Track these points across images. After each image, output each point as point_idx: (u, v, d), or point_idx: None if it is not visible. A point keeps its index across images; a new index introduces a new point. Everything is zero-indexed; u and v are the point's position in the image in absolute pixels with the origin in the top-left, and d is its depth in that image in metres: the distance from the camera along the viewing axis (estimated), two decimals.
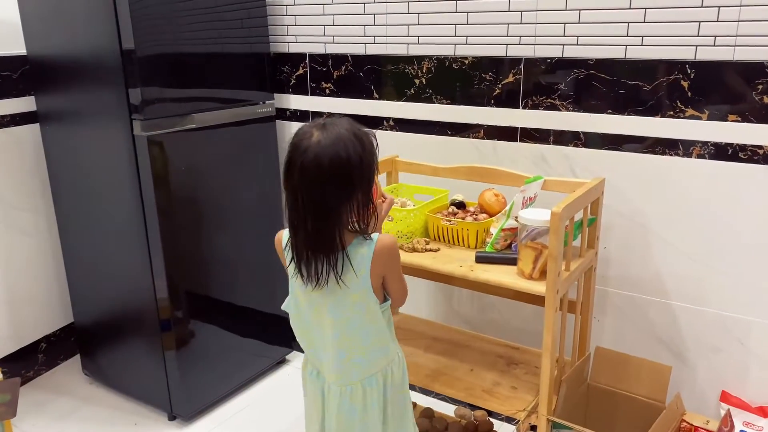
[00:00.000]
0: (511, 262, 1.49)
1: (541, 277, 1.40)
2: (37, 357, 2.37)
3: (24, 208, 2.27)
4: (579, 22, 1.67)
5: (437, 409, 2.00)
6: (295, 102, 2.27)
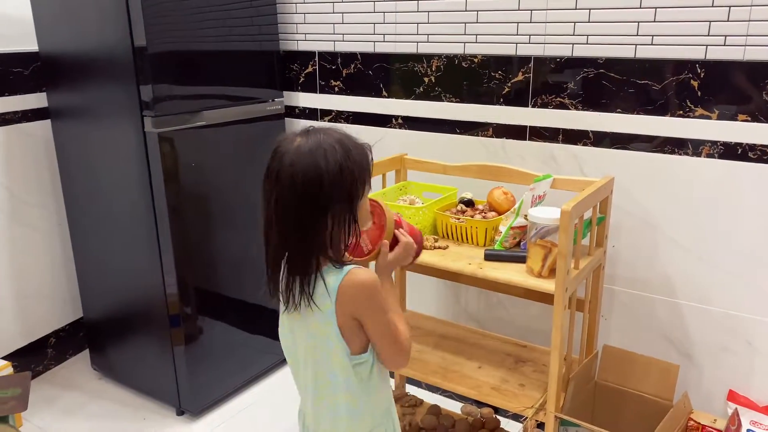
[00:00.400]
0: (520, 260, 1.49)
1: (550, 275, 1.41)
2: (46, 352, 2.39)
3: (34, 204, 2.28)
4: (589, 21, 1.67)
5: (444, 406, 2.01)
6: (304, 100, 2.28)
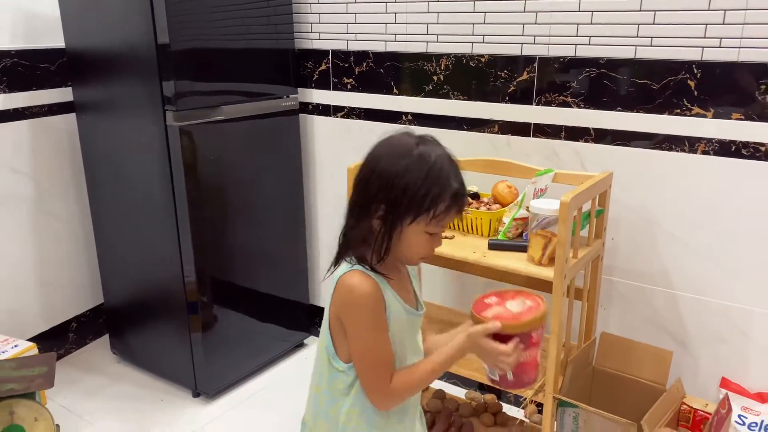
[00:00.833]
0: (522, 249, 1.58)
1: (550, 264, 1.49)
2: (67, 336, 2.49)
3: (57, 194, 2.39)
4: (591, 23, 1.75)
5: (449, 392, 2.09)
6: (317, 96, 2.36)
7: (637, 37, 1.69)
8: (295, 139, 2.39)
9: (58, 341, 2.46)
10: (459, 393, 2.13)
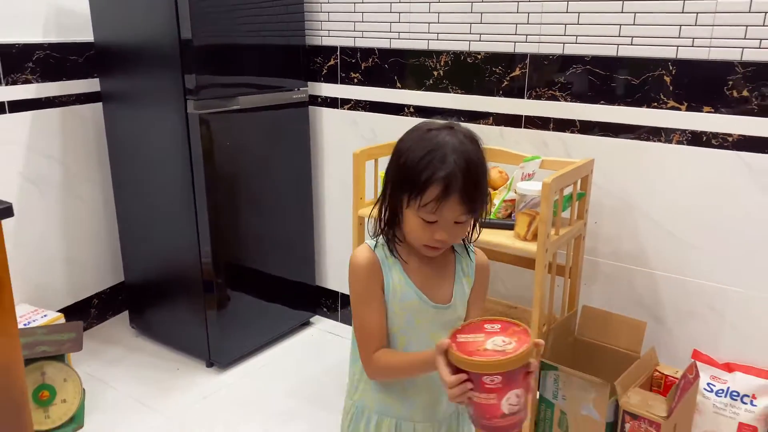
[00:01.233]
0: (510, 227, 1.74)
1: (534, 239, 1.65)
2: (89, 311, 2.67)
3: (83, 178, 2.56)
4: (578, 24, 1.91)
5: None
6: (326, 90, 2.53)
7: (619, 36, 1.85)
8: (304, 130, 2.56)
9: (81, 315, 2.63)
10: None
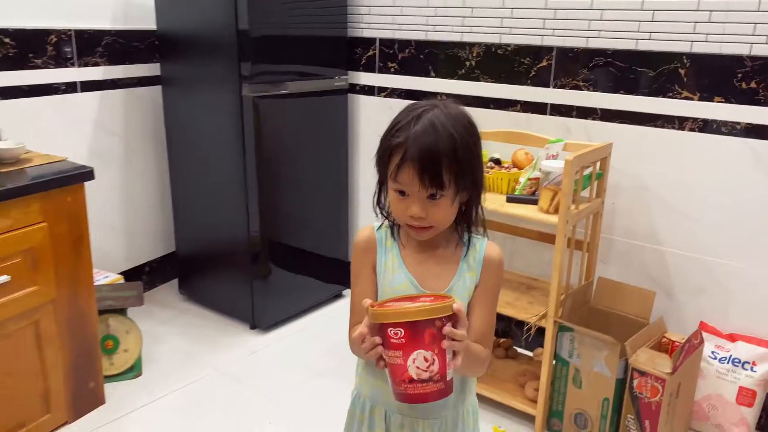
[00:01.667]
0: (534, 202, 1.92)
1: (556, 212, 1.83)
2: (142, 278, 2.91)
3: (141, 154, 2.80)
4: (601, 20, 2.08)
5: None
6: (364, 78, 2.74)
7: (638, 32, 2.02)
8: (343, 115, 2.77)
9: (135, 280, 2.87)
10: None
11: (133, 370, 2.29)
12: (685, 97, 1.98)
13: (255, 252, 2.53)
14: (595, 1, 2.08)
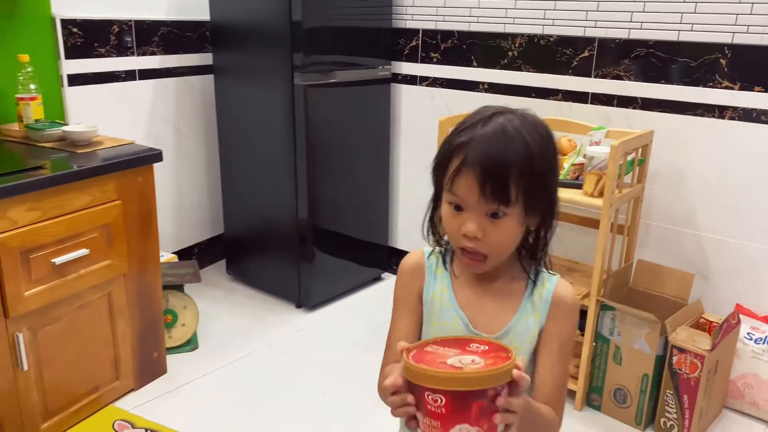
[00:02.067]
0: (578, 186, 2.01)
1: (600, 196, 1.92)
2: (191, 258, 3.04)
3: (192, 139, 2.93)
4: (643, 11, 2.16)
5: None
6: (406, 68, 2.83)
7: (680, 23, 2.09)
8: (386, 103, 2.87)
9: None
10: None
11: (190, 343, 2.42)
12: (726, 87, 2.05)
13: (302, 235, 2.64)
14: None
